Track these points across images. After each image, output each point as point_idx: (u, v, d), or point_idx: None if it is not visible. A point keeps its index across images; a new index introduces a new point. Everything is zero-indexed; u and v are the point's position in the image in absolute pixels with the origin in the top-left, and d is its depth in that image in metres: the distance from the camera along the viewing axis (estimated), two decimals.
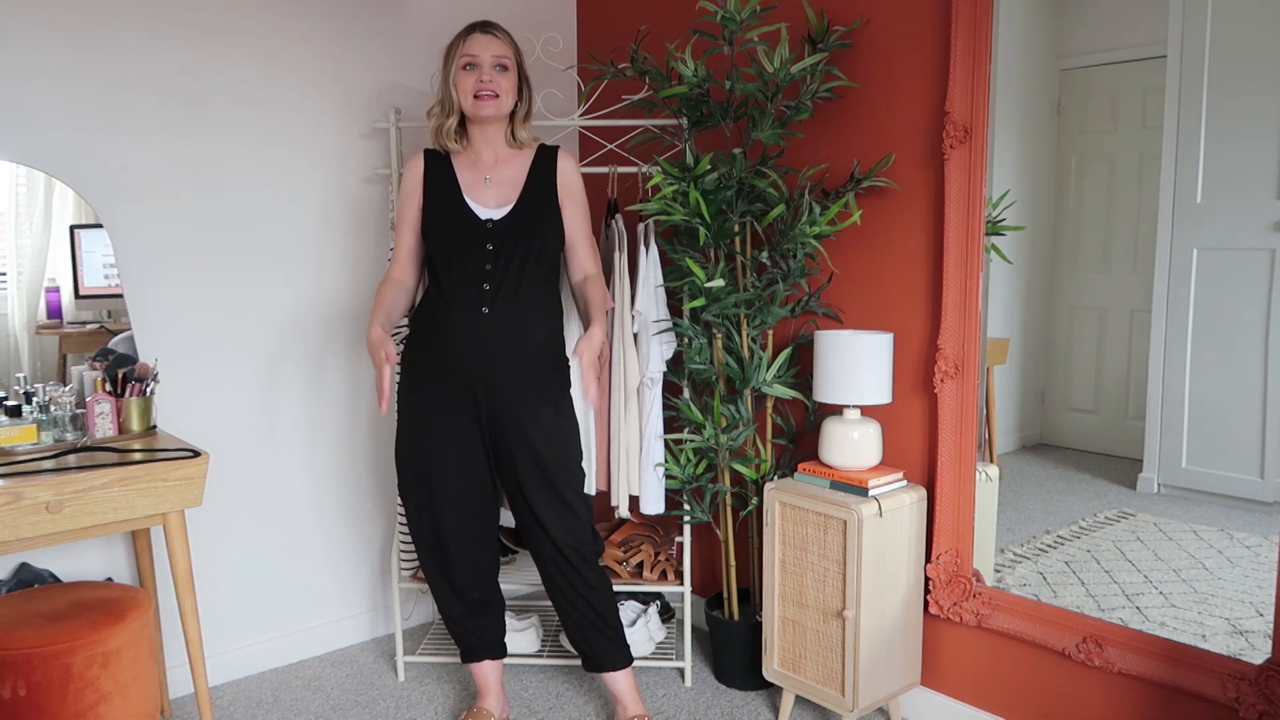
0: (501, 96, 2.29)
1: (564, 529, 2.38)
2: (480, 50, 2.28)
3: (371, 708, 2.71)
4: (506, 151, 2.39)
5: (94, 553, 2.62)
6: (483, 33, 2.30)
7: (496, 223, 2.31)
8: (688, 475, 2.64)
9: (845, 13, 2.54)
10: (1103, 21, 2.17)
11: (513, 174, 2.37)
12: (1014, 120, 2.29)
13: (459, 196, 2.34)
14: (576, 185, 2.42)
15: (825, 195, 2.59)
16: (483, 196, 2.35)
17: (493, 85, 2.27)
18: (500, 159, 2.38)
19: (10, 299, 2.44)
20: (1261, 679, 1.91)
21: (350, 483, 3.08)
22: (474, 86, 2.28)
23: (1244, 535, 2.03)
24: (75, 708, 2.06)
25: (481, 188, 2.36)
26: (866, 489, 2.34)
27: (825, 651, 2.41)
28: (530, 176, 2.37)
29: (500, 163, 2.37)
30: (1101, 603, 2.19)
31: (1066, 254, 2.27)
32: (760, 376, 2.60)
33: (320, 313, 2.96)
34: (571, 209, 2.41)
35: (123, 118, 2.55)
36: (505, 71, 2.30)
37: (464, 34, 2.31)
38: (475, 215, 2.32)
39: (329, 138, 2.92)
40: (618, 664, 2.50)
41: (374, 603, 3.18)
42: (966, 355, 2.33)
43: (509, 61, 2.31)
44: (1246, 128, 1.93)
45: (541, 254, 2.34)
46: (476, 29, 2.30)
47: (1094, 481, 2.28)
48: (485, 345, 2.29)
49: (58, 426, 2.42)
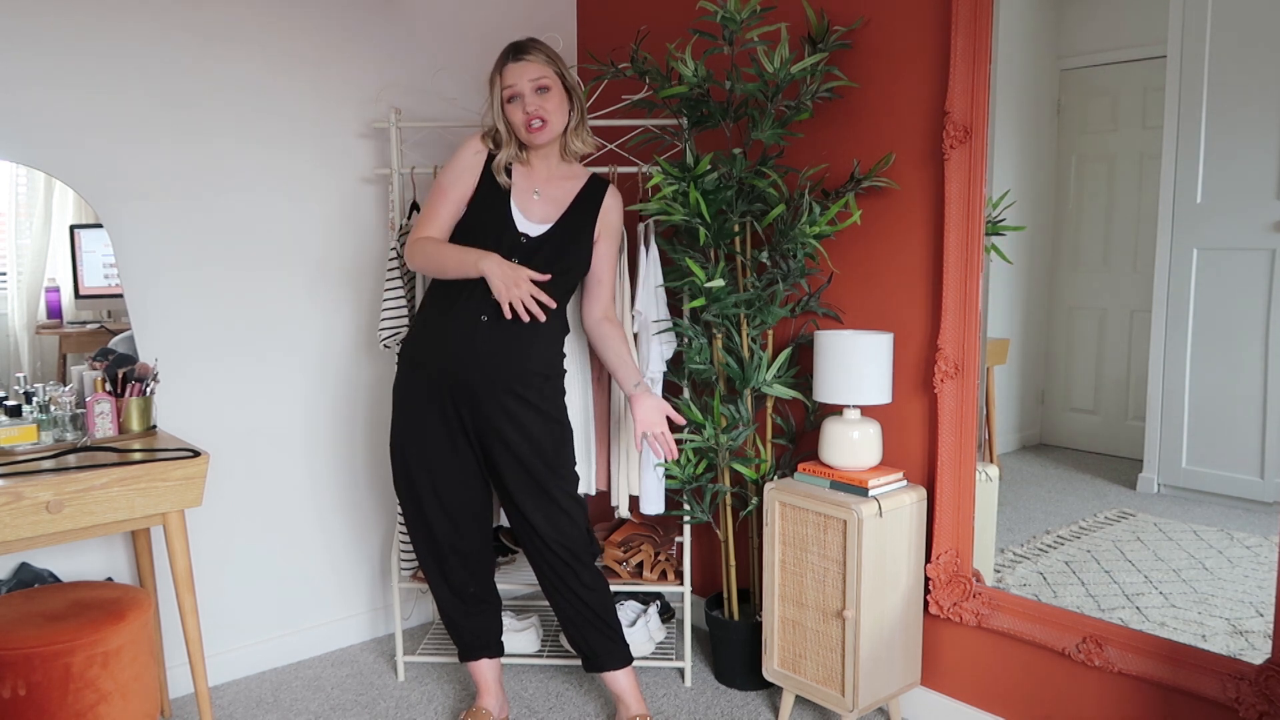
0: (551, 120, 2.27)
1: (556, 530, 2.38)
2: (517, 79, 2.25)
3: (371, 708, 2.71)
4: (561, 170, 2.38)
5: (94, 553, 2.62)
6: (515, 60, 2.26)
7: (531, 239, 2.31)
8: (688, 475, 2.64)
9: (845, 13, 2.54)
10: (1103, 21, 2.17)
11: (561, 195, 2.37)
12: (1014, 120, 2.29)
13: (507, 202, 2.33)
14: (617, 224, 2.43)
15: (825, 195, 2.59)
16: (528, 209, 2.34)
17: (540, 112, 2.25)
18: (554, 176, 2.37)
19: (10, 299, 2.44)
20: (1261, 679, 1.91)
21: (350, 482, 3.08)
22: (524, 119, 2.26)
23: (1244, 535, 2.03)
24: (75, 708, 2.06)
25: (528, 199, 2.35)
26: (866, 489, 2.34)
27: (825, 651, 2.41)
28: (575, 202, 2.37)
29: (553, 180, 2.37)
30: (1101, 603, 2.19)
31: (1066, 254, 2.27)
32: (760, 376, 2.60)
33: (320, 312, 2.96)
34: (606, 245, 2.42)
35: (123, 118, 2.55)
36: (548, 92, 2.27)
37: (500, 64, 2.28)
38: (514, 225, 2.32)
39: (329, 138, 2.92)
40: (618, 663, 2.50)
41: (374, 603, 3.18)
42: (966, 355, 2.33)
43: (549, 80, 2.27)
44: (1246, 128, 1.93)
45: (561, 279, 2.33)
46: (510, 58, 2.27)
47: (1094, 481, 2.28)
48: (477, 353, 2.28)
49: (58, 426, 2.42)
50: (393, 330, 2.67)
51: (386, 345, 2.69)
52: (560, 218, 2.35)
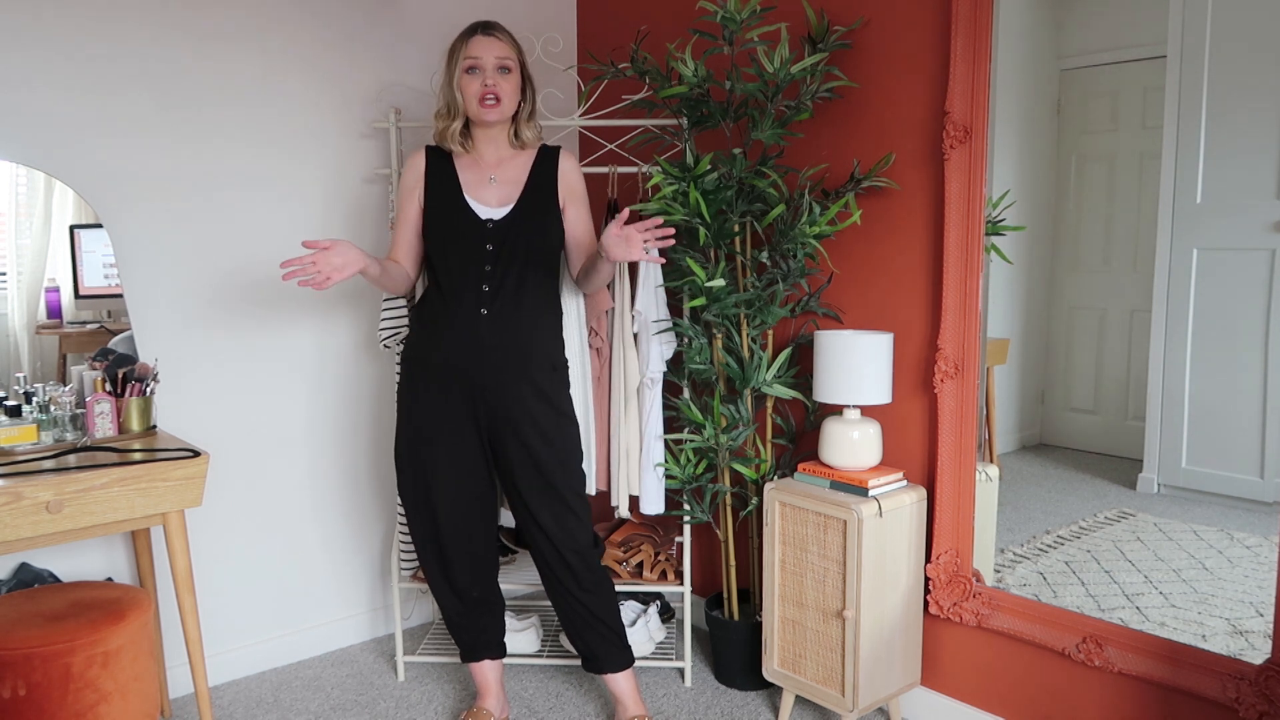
0: (504, 100, 2.29)
1: (562, 530, 2.37)
2: (483, 53, 2.27)
3: (371, 708, 2.71)
4: (509, 151, 2.38)
5: (94, 553, 2.62)
6: (484, 34, 2.28)
7: (497, 223, 2.31)
8: (688, 475, 2.64)
9: (845, 13, 2.53)
10: (1103, 21, 2.17)
11: (515, 174, 2.37)
12: (1014, 120, 2.29)
13: (460, 195, 2.34)
14: (579, 184, 2.42)
15: (825, 195, 2.59)
16: (485, 196, 2.35)
17: (496, 89, 2.26)
18: (504, 159, 2.37)
19: (10, 299, 2.44)
20: (1261, 679, 1.91)
21: (350, 483, 3.08)
22: (478, 91, 2.26)
23: (1244, 535, 2.03)
24: (75, 708, 2.06)
25: (484, 187, 2.35)
26: (866, 489, 2.34)
27: (825, 651, 2.41)
28: (531, 177, 2.36)
29: (503, 162, 2.37)
30: (1101, 603, 2.19)
31: (1066, 254, 2.27)
32: (760, 376, 2.60)
33: (320, 312, 2.96)
34: (574, 209, 2.41)
35: (123, 118, 2.55)
36: (508, 73, 2.29)
37: (465, 36, 2.30)
38: (476, 215, 2.32)
39: (329, 138, 2.92)
40: (618, 665, 2.50)
41: (374, 603, 3.18)
42: (966, 355, 2.33)
43: (511, 63, 2.30)
44: (1246, 128, 1.93)
45: (541, 254, 2.33)
46: (478, 30, 2.29)
47: (1094, 481, 2.28)
48: (483, 346, 2.29)
49: (58, 426, 2.42)
50: (393, 330, 2.67)
51: (386, 345, 2.69)
52: (520, 195, 2.34)
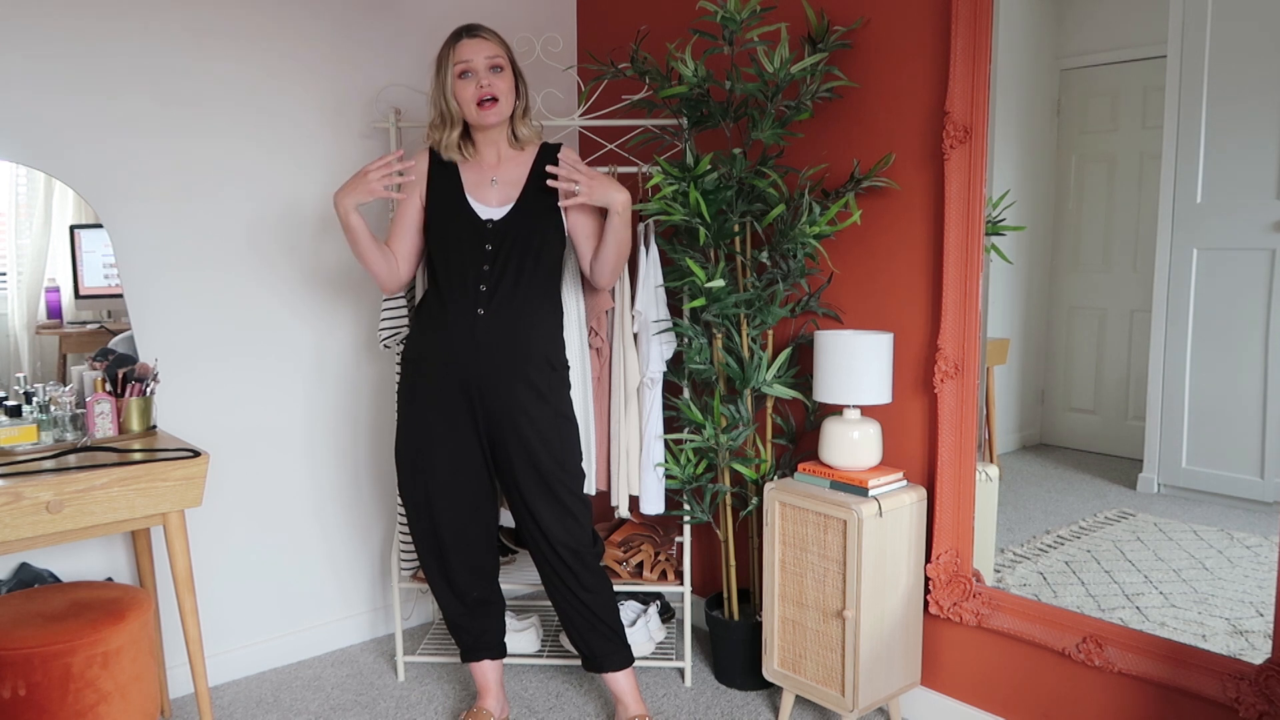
0: (502, 99, 2.28)
1: (562, 530, 2.37)
2: (473, 55, 2.25)
3: (371, 708, 2.71)
4: (509, 151, 2.38)
5: (94, 553, 2.62)
6: (471, 37, 2.27)
7: (496, 223, 2.31)
8: (688, 475, 2.64)
9: (845, 13, 2.53)
10: (1103, 21, 2.17)
11: (515, 174, 2.36)
12: (1014, 120, 2.29)
13: (462, 197, 2.34)
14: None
15: (825, 195, 2.59)
16: (486, 197, 2.34)
17: (492, 89, 2.25)
18: (504, 158, 2.37)
19: (10, 299, 2.44)
20: (1261, 679, 1.91)
21: (350, 483, 3.08)
22: (475, 94, 2.25)
23: (1244, 535, 2.03)
24: (75, 708, 2.06)
25: (486, 188, 2.35)
26: (866, 489, 2.34)
27: (825, 651, 2.41)
28: (531, 176, 2.36)
29: (504, 162, 2.37)
30: (1101, 603, 2.19)
31: (1066, 254, 2.27)
32: (760, 376, 2.60)
33: (321, 312, 2.96)
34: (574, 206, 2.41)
35: (123, 118, 2.55)
36: (501, 72, 2.28)
37: (451, 41, 2.28)
38: (476, 215, 2.32)
39: (329, 138, 2.92)
40: (618, 665, 2.50)
41: (374, 603, 3.18)
42: (966, 355, 2.33)
43: (502, 61, 2.28)
44: (1246, 128, 1.93)
45: (540, 253, 2.33)
46: (464, 34, 2.27)
47: (1094, 481, 2.28)
48: (480, 347, 2.28)
49: (58, 426, 2.42)
50: (393, 330, 2.67)
51: (386, 345, 2.69)
52: (520, 196, 2.34)
